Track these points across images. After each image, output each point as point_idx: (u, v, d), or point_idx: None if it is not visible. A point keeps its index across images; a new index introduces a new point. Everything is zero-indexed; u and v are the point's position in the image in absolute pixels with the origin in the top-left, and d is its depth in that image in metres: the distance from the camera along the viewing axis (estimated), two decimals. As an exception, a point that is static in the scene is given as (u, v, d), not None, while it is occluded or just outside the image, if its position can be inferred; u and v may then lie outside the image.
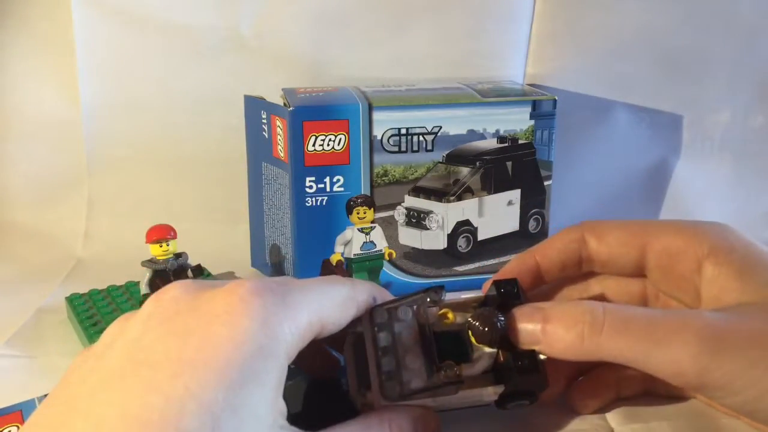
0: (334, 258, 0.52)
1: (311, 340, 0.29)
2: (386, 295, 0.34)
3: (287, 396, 0.29)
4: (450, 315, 0.33)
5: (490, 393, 0.33)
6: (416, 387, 0.31)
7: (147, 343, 0.26)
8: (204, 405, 0.24)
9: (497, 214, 0.53)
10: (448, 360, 0.31)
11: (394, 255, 0.53)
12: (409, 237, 0.53)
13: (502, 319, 0.32)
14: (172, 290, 0.29)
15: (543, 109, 0.52)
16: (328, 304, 0.30)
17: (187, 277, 0.49)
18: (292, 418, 0.28)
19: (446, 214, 0.52)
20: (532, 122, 0.52)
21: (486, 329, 0.32)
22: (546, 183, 0.54)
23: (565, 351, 0.31)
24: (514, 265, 0.38)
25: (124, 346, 0.27)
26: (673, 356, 0.29)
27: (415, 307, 0.32)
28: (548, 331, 0.31)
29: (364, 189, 0.51)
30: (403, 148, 0.51)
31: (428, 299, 0.33)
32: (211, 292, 0.28)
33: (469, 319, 0.32)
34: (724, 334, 0.30)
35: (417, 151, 0.51)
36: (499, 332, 0.32)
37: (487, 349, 0.32)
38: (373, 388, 0.31)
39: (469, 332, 0.32)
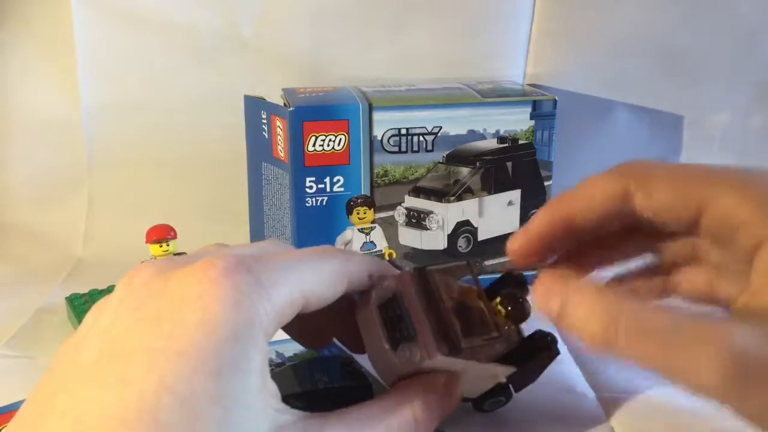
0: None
1: (295, 315, 0.28)
2: (386, 269, 0.33)
3: (282, 378, 0.29)
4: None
5: (501, 373, 0.34)
6: (469, 344, 0.30)
7: (119, 333, 0.26)
8: (181, 397, 0.23)
9: (497, 214, 0.53)
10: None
11: (394, 255, 0.53)
12: (410, 237, 0.53)
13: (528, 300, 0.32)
14: (143, 272, 0.28)
15: (543, 109, 0.52)
16: (313, 279, 0.29)
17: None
18: (292, 399, 0.28)
19: (446, 215, 0.52)
20: (533, 122, 0.52)
21: (519, 306, 0.31)
22: (546, 183, 0.54)
23: (578, 335, 0.29)
24: (543, 219, 0.33)
25: (97, 336, 0.26)
26: (697, 374, 0.26)
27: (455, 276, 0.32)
28: (566, 313, 0.29)
29: (364, 189, 0.51)
30: (403, 149, 0.51)
31: (473, 267, 0.32)
32: (182, 272, 0.27)
33: (501, 296, 0.32)
34: (760, 359, 0.25)
35: (417, 152, 0.51)
36: (528, 311, 0.32)
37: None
38: (425, 342, 0.30)
39: (500, 307, 0.32)
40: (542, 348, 0.34)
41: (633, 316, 0.27)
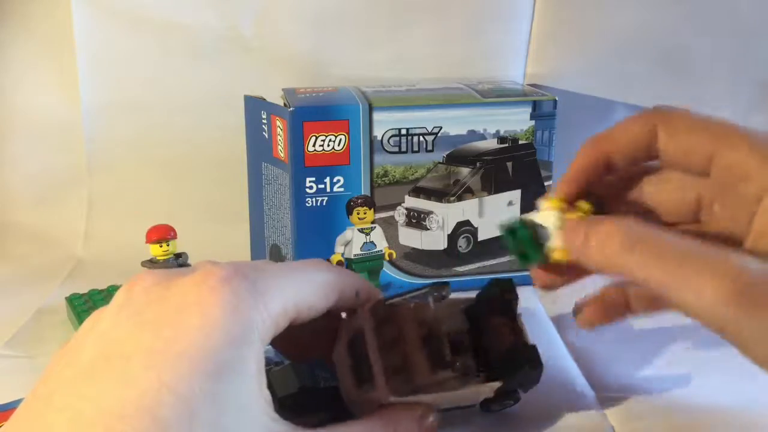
0: (335, 258, 0.52)
1: (287, 325, 0.29)
2: (372, 291, 0.34)
3: (282, 376, 0.30)
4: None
5: (487, 390, 0.34)
6: (423, 382, 0.31)
7: (118, 336, 0.26)
8: (179, 396, 0.24)
9: (497, 214, 0.53)
10: (455, 356, 0.32)
11: (394, 255, 0.53)
12: (410, 237, 0.53)
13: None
14: (143, 281, 0.28)
15: (543, 109, 0.52)
16: (306, 289, 0.30)
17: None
18: (293, 397, 0.29)
19: (446, 215, 0.52)
20: (533, 122, 0.52)
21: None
22: (546, 183, 0.54)
23: (598, 264, 0.30)
24: (581, 159, 0.36)
25: (96, 339, 0.27)
26: (701, 297, 0.27)
27: (415, 302, 0.33)
28: (588, 245, 0.31)
29: (365, 189, 0.51)
30: (404, 149, 0.51)
31: (433, 295, 0.33)
32: (181, 281, 0.28)
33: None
34: (756, 288, 0.27)
35: (417, 152, 0.51)
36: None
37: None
38: (377, 384, 0.31)
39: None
40: (525, 361, 0.34)
41: (649, 239, 0.29)
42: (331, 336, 0.34)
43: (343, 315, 0.34)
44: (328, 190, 0.50)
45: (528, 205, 0.54)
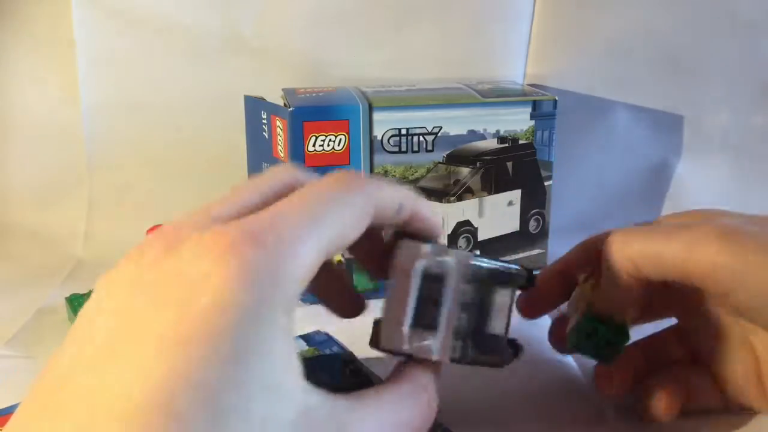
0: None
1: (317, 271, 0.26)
2: (417, 203, 0.30)
3: None
4: None
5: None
6: (480, 356, 0.30)
7: (127, 317, 0.24)
8: (197, 385, 0.22)
9: (497, 214, 0.53)
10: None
11: (394, 255, 0.53)
12: (410, 237, 0.53)
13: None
14: (152, 247, 0.26)
15: (543, 109, 0.52)
16: (335, 229, 0.26)
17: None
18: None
19: (446, 215, 0.52)
20: (533, 122, 0.52)
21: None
22: (546, 183, 0.54)
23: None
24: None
25: (105, 321, 0.25)
26: (683, 245, 0.32)
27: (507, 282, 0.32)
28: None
29: (365, 189, 0.51)
30: (404, 149, 0.51)
31: (518, 282, 0.32)
32: (194, 247, 0.25)
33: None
34: (736, 229, 0.32)
35: (417, 152, 0.51)
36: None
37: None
38: (441, 341, 0.29)
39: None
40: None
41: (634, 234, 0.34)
42: (370, 250, 0.31)
43: (385, 233, 0.31)
44: (328, 190, 0.50)
45: (528, 205, 0.54)
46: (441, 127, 0.51)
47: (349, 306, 0.35)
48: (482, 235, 0.54)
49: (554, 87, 0.61)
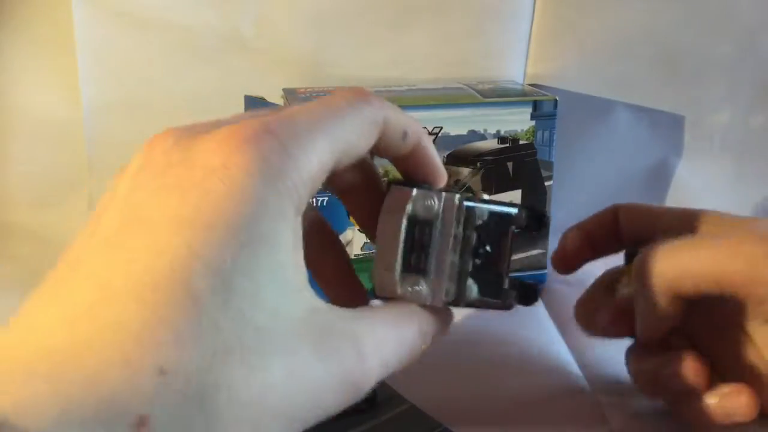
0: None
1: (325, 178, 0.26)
2: (421, 133, 0.30)
3: None
4: None
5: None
6: (482, 299, 0.30)
7: (139, 200, 0.24)
8: (212, 266, 0.22)
9: (498, 214, 0.53)
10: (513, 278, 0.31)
11: (394, 255, 0.53)
12: (410, 237, 0.53)
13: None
14: (163, 141, 0.26)
15: (544, 109, 0.52)
16: (344, 135, 0.26)
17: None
18: None
19: (447, 215, 0.52)
20: (533, 122, 0.52)
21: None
22: (547, 183, 0.54)
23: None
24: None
25: (118, 205, 0.25)
26: (727, 250, 0.32)
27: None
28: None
29: (365, 189, 0.51)
30: (404, 149, 0.51)
31: (519, 221, 0.31)
32: (205, 140, 0.25)
33: None
34: None
35: (417, 152, 0.51)
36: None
37: None
38: (435, 285, 0.29)
39: None
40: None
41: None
42: (367, 201, 0.31)
43: (382, 173, 0.31)
44: (329, 190, 0.50)
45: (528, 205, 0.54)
46: (441, 127, 0.51)
47: (349, 292, 0.34)
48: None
49: (554, 87, 0.61)
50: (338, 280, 0.33)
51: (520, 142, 0.53)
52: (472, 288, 0.29)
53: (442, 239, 0.29)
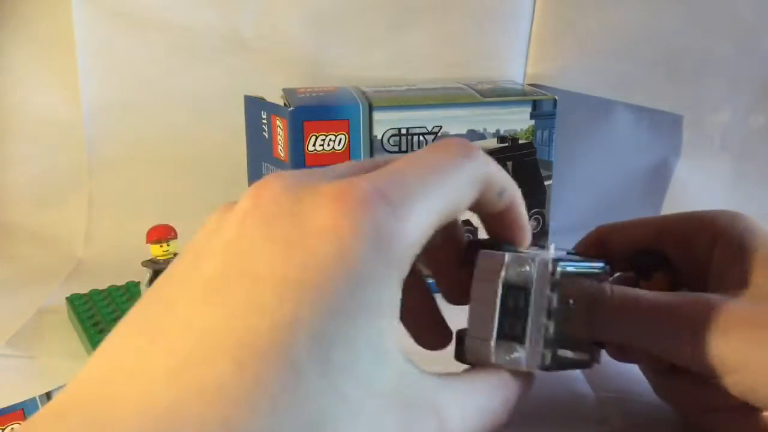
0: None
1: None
2: (517, 194, 0.30)
3: None
4: None
5: None
6: (572, 358, 0.30)
7: (246, 250, 0.23)
8: (315, 336, 0.21)
9: (497, 214, 0.53)
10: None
11: (394, 255, 0.53)
12: (410, 237, 0.53)
13: None
14: (272, 186, 0.25)
15: (543, 108, 0.52)
16: (449, 196, 0.26)
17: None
18: None
19: (446, 214, 0.52)
20: (533, 122, 0.52)
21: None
22: (546, 183, 0.54)
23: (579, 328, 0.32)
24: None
25: (221, 248, 0.24)
26: (670, 334, 0.31)
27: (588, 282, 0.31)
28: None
29: (365, 189, 0.51)
30: (404, 148, 0.51)
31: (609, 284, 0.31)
32: (316, 195, 0.24)
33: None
34: (720, 313, 0.30)
35: (417, 151, 0.51)
36: None
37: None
38: (532, 352, 0.28)
39: None
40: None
41: (620, 292, 0.32)
42: (446, 260, 0.31)
43: (467, 236, 0.31)
44: (329, 189, 0.50)
45: (528, 205, 0.54)
46: (441, 127, 0.51)
47: (433, 335, 0.33)
48: (482, 235, 0.53)
49: (554, 87, 0.61)
50: (424, 321, 0.33)
51: (520, 142, 0.53)
52: (564, 349, 0.29)
53: (537, 305, 0.28)
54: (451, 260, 0.31)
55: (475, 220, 0.53)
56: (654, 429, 0.37)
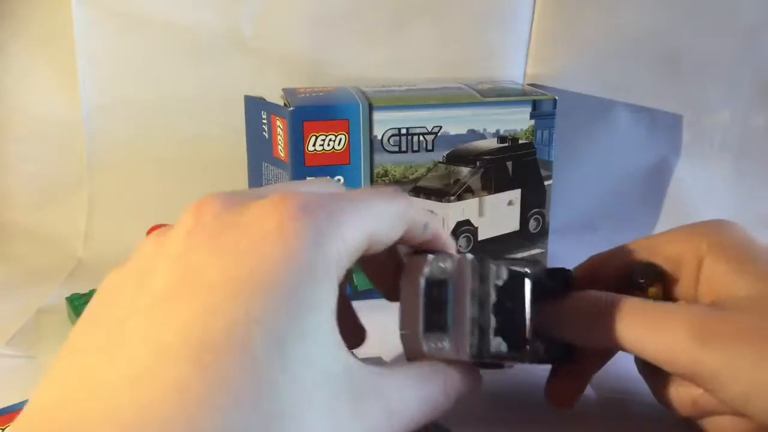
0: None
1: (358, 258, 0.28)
2: (439, 227, 0.32)
3: None
4: None
5: None
6: (506, 352, 0.30)
7: (194, 262, 0.24)
8: (269, 330, 0.22)
9: (497, 214, 0.53)
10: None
11: (394, 255, 0.53)
12: (410, 237, 0.53)
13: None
14: (211, 206, 0.27)
15: (543, 108, 0.52)
16: (381, 221, 0.28)
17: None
18: None
19: (446, 214, 0.52)
20: (533, 122, 0.52)
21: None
22: (546, 183, 0.54)
23: (575, 336, 0.34)
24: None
25: (168, 265, 0.25)
26: (666, 344, 0.31)
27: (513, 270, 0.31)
28: (564, 317, 0.33)
29: (365, 189, 0.51)
30: (404, 148, 0.51)
31: (532, 271, 0.32)
32: (255, 206, 0.26)
33: None
34: (713, 326, 0.31)
35: (417, 151, 0.51)
36: None
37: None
38: (456, 340, 0.30)
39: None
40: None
41: (616, 301, 0.33)
42: (386, 270, 0.33)
43: (402, 250, 0.33)
44: (329, 189, 0.50)
45: (528, 205, 0.54)
46: (441, 127, 0.51)
47: (352, 335, 0.35)
48: (482, 235, 0.54)
49: (554, 87, 0.61)
50: (343, 321, 0.34)
51: (520, 142, 0.53)
52: (499, 343, 0.30)
53: (458, 296, 0.30)
54: (391, 270, 0.33)
55: (475, 220, 0.53)
56: (654, 429, 0.37)
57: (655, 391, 0.37)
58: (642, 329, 0.32)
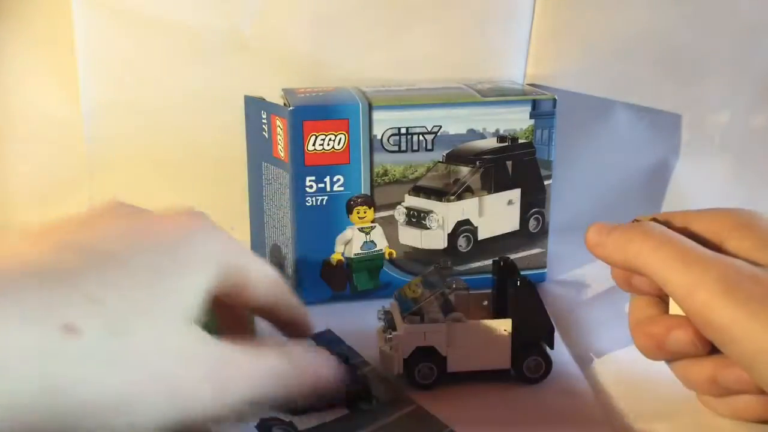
0: (335, 258, 0.52)
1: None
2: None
3: None
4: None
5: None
6: None
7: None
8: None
9: (497, 213, 0.53)
10: None
11: (394, 254, 0.53)
12: (410, 236, 0.53)
13: None
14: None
15: (543, 108, 0.52)
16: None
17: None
18: None
19: (446, 214, 0.52)
20: (532, 122, 0.52)
21: None
22: (546, 182, 0.54)
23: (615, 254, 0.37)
24: None
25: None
26: (689, 282, 0.32)
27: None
28: (609, 239, 0.37)
29: (364, 188, 0.51)
30: (403, 148, 0.51)
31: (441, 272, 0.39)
32: (153, 213, 0.34)
33: None
34: (742, 280, 0.31)
35: (417, 151, 0.51)
36: None
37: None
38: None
39: None
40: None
41: (660, 231, 0.35)
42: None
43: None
44: (328, 189, 0.50)
45: (528, 204, 0.54)
46: (441, 126, 0.51)
47: None
48: (482, 235, 0.54)
49: (554, 87, 0.61)
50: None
51: (520, 141, 0.53)
52: None
53: None
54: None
55: (475, 220, 0.53)
56: (653, 429, 0.37)
57: (674, 367, 0.37)
58: (672, 260, 0.33)
